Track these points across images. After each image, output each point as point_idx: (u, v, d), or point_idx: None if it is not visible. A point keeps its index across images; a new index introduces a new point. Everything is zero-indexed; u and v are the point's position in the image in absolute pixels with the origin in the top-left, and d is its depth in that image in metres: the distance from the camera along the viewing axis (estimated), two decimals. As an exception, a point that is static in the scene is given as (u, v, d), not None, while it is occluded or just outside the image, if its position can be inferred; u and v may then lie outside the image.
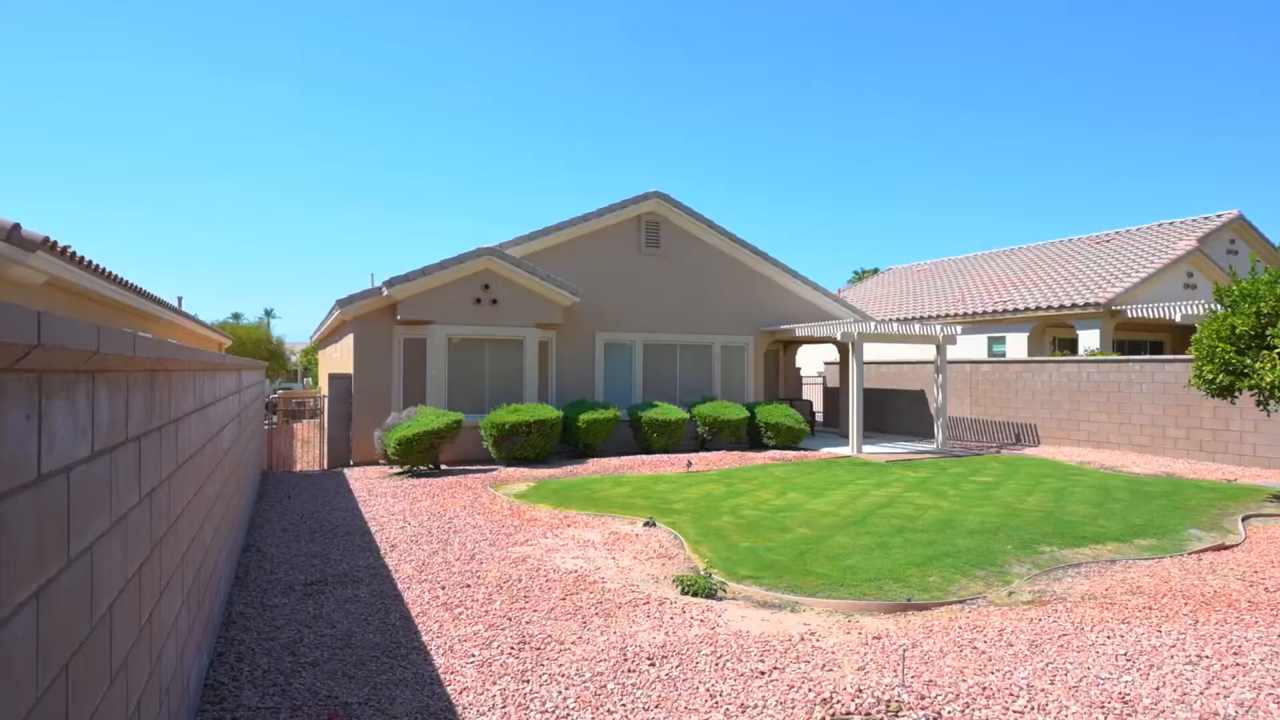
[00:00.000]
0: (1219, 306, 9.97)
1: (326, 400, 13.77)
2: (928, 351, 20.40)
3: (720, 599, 5.84)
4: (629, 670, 4.35)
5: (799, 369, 20.67)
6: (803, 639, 4.87)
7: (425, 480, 11.68)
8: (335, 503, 9.82)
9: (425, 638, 4.87)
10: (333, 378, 14.06)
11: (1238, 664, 4.34)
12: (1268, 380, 8.53)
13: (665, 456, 14.29)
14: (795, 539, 7.65)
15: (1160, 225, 23.53)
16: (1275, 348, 8.70)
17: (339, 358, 16.64)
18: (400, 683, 4.17)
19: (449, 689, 4.08)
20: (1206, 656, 4.46)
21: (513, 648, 4.70)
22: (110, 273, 9.35)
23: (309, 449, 14.50)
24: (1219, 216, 22.15)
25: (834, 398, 21.19)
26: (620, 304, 16.15)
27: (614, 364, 16.18)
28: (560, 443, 14.32)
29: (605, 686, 4.13)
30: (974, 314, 21.71)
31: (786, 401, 17.96)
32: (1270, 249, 22.52)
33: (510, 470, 12.71)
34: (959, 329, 15.86)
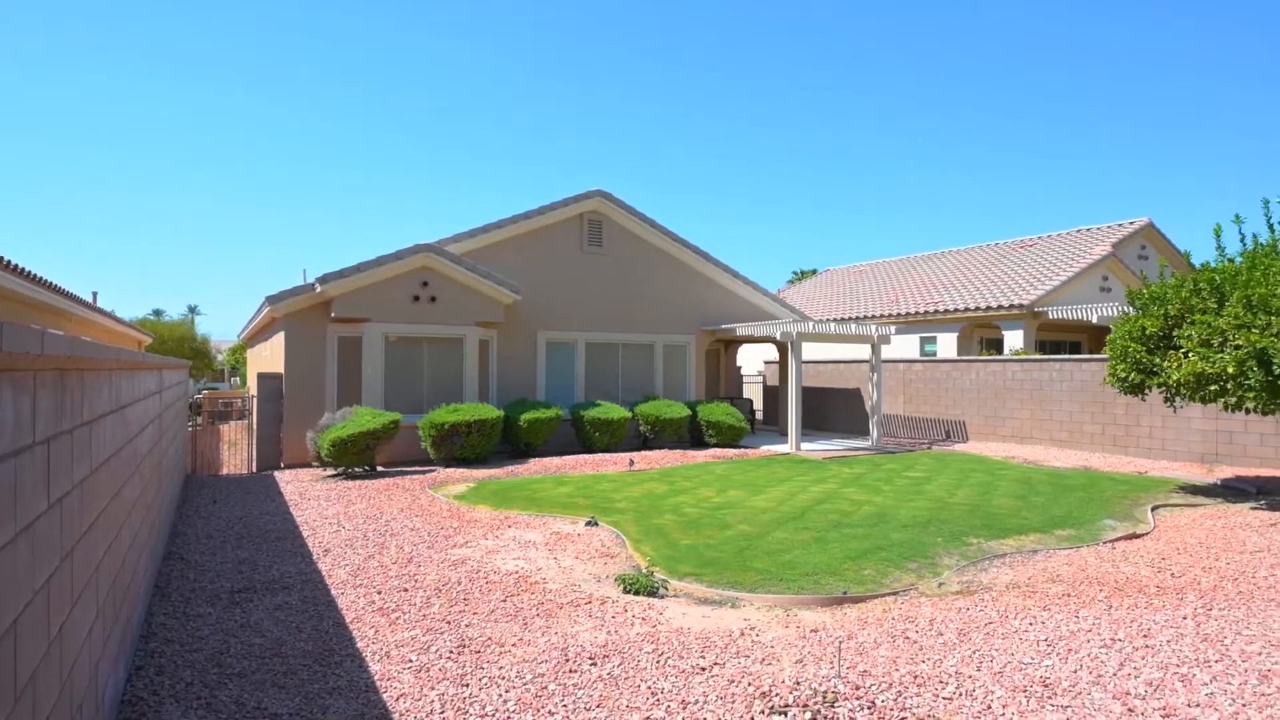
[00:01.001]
0: (1131, 309, 10.56)
1: (255, 400, 13.26)
2: (863, 351, 20.97)
3: (662, 597, 5.87)
4: (570, 670, 4.33)
5: (739, 368, 20.96)
6: (742, 634, 4.94)
7: (360, 482, 11.37)
8: (264, 506, 9.47)
9: (360, 644, 4.74)
10: (262, 377, 13.55)
11: (1147, 646, 4.60)
12: (1174, 378, 9.08)
13: (607, 455, 14.28)
14: (736, 536, 7.75)
15: (1079, 231, 24.77)
16: (1181, 348, 9.26)
17: (269, 356, 16.05)
18: (334, 691, 4.05)
19: (385, 696, 3.98)
20: (1119, 640, 4.71)
21: (452, 651, 4.62)
22: (16, 265, 8.80)
23: (236, 451, 13.94)
24: (1131, 224, 23.45)
25: (774, 396, 21.56)
26: (562, 302, 16.06)
27: (556, 363, 16.08)
28: (501, 442, 14.15)
29: (546, 688, 4.10)
30: (907, 314, 22.42)
31: (727, 400, 18.20)
32: (1177, 254, 23.96)
33: (449, 471, 12.50)
34: (893, 329, 16.35)
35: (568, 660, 4.48)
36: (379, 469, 12.67)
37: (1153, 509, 9.18)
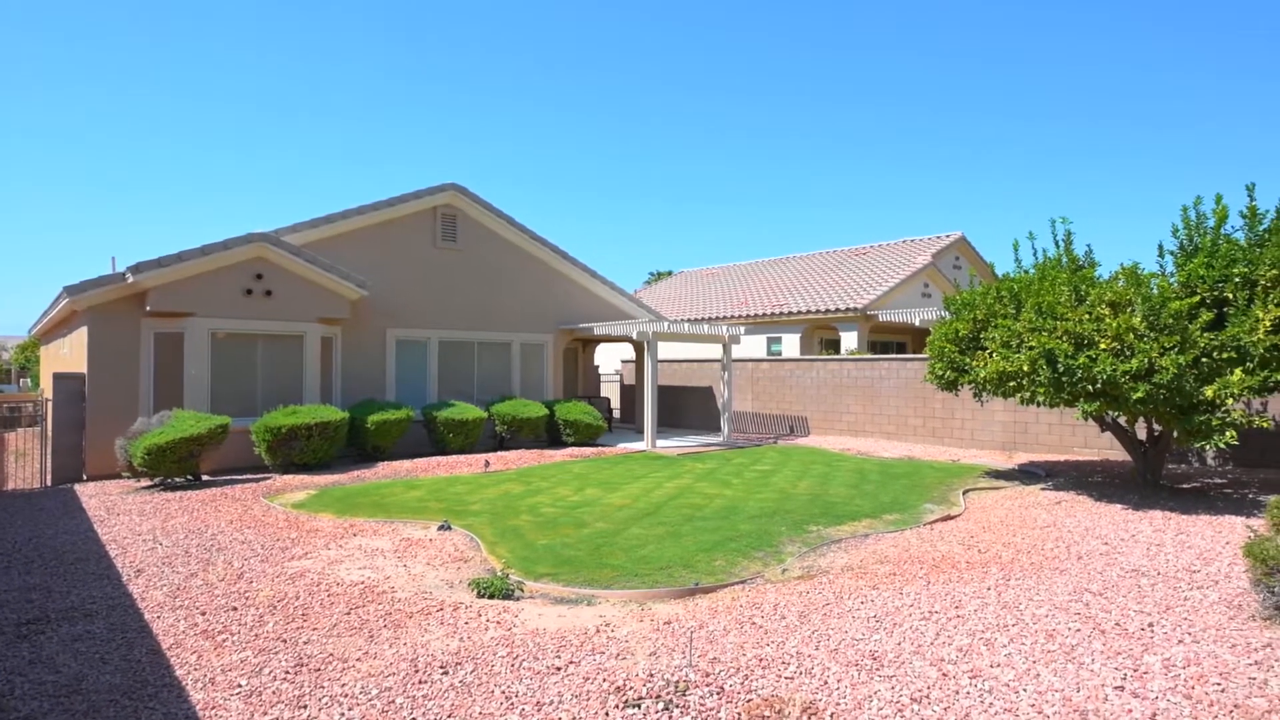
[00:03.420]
0: (947, 313, 11.73)
1: (51, 404, 11.67)
2: (716, 350, 21.81)
3: (518, 599, 5.79)
4: (420, 681, 4.17)
5: (597, 367, 21.12)
6: (598, 631, 4.98)
7: (182, 494, 10.32)
8: (61, 524, 8.36)
9: (180, 672, 4.30)
10: (59, 378, 11.95)
11: (958, 615, 5.12)
12: (981, 376, 10.17)
13: (462, 457, 13.89)
14: (592, 534, 7.79)
15: (905, 241, 27.16)
16: (986, 349, 10.39)
17: (69, 355, 14.19)
18: (147, 726, 3.64)
19: (209, 726, 3.64)
20: (936, 612, 5.21)
21: (288, 672, 4.30)
22: None
23: (27, 462, 12.20)
24: (947, 236, 26.03)
25: (631, 395, 21.92)
26: (414, 299, 15.43)
27: (407, 362, 15.42)
28: (347, 446, 13.37)
29: (394, 702, 3.92)
30: (755, 316, 23.57)
31: (585, 399, 18.27)
32: (984, 265, 26.86)
33: (288, 478, 11.64)
34: (743, 330, 17.13)
35: (418, 671, 4.31)
36: (205, 478, 11.56)
37: (964, 492, 10.24)
